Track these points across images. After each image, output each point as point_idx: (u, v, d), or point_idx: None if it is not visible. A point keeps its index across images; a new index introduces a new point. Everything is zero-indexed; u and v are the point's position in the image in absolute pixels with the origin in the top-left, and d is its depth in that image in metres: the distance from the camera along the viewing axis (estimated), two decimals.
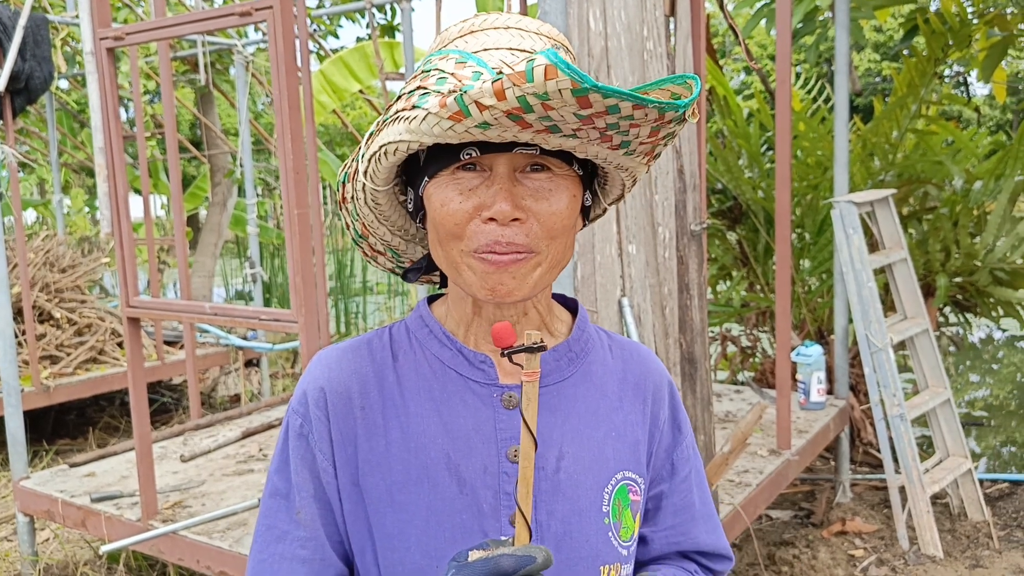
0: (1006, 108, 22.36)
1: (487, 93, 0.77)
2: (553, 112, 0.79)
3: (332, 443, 0.98)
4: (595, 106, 0.78)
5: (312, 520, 0.99)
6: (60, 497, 3.34)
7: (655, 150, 0.92)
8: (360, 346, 1.03)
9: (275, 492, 1.01)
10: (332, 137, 19.44)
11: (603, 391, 1.05)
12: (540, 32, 0.93)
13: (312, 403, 0.99)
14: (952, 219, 4.71)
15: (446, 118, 0.80)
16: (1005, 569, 3.47)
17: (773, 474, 3.37)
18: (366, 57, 6.64)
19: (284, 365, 7.27)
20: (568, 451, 0.99)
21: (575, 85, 0.75)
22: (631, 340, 1.15)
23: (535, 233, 0.90)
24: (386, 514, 0.97)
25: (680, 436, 1.11)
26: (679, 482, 1.10)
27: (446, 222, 0.91)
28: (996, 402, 6.37)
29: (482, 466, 0.96)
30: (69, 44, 6.92)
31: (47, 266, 5.96)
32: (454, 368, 1.00)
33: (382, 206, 0.99)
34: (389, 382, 1.00)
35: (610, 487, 1.01)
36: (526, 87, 0.75)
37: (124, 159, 2.89)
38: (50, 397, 5.15)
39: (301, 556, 0.98)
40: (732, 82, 8.24)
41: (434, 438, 0.97)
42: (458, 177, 0.90)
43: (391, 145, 0.88)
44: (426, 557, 0.95)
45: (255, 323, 2.64)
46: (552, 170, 0.91)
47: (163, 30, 2.67)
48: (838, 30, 4.05)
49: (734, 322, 5.47)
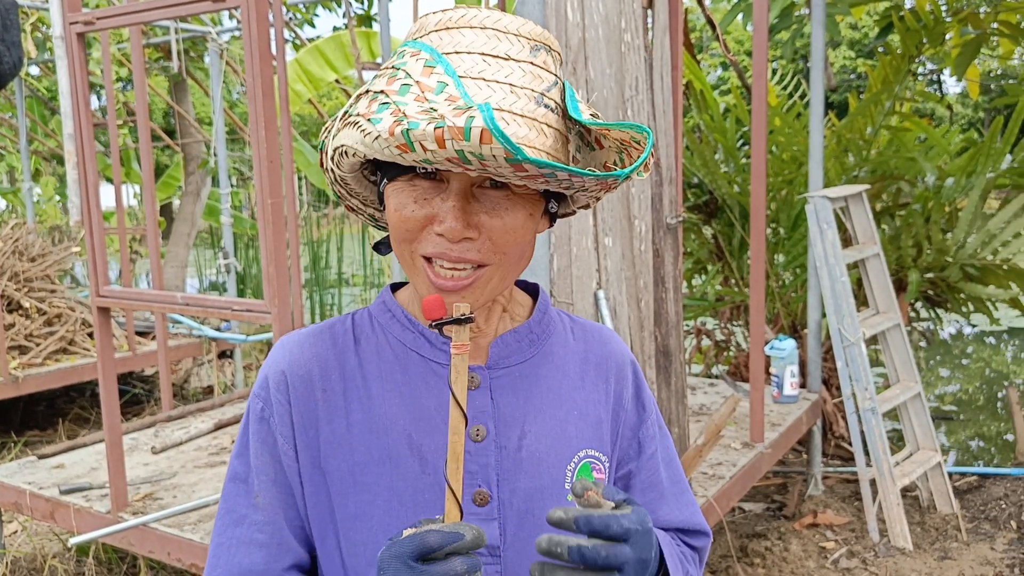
0: (978, 106, 22.65)
1: (429, 137, 0.78)
2: (490, 168, 0.81)
3: (293, 426, 0.99)
4: (530, 170, 0.80)
5: (271, 504, 0.99)
6: (28, 489, 3.29)
7: (612, 187, 0.93)
8: (322, 331, 1.04)
9: (235, 476, 1.01)
10: (308, 127, 19.31)
11: (565, 371, 1.06)
12: (520, 33, 0.90)
13: (273, 387, 1.00)
14: (924, 215, 4.76)
15: (395, 146, 0.82)
16: (973, 561, 3.52)
17: (746, 467, 3.39)
18: (343, 46, 6.59)
19: (258, 357, 7.21)
20: (530, 430, 1.00)
21: (508, 155, 0.77)
22: (593, 322, 1.15)
23: (486, 249, 0.91)
24: (349, 495, 0.97)
25: (645, 414, 1.12)
26: (646, 460, 1.11)
27: (399, 227, 0.92)
28: (965, 397, 6.46)
29: (444, 445, 0.97)
30: (40, 29, 6.80)
31: (16, 255, 5.87)
32: (416, 350, 1.01)
33: (351, 185, 1.01)
34: (351, 365, 1.01)
35: (572, 465, 1.02)
36: (463, 144, 0.77)
37: (94, 146, 2.84)
38: (19, 388, 5.08)
39: (259, 540, 0.99)
40: (708, 77, 8.27)
41: (396, 419, 0.98)
42: (415, 184, 0.91)
43: (349, 149, 0.89)
44: (389, 537, 0.94)
45: (228, 313, 2.61)
46: (511, 188, 0.91)
47: (135, 15, 2.62)
48: (814, 26, 4.07)
49: (708, 316, 5.50)
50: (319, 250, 9.35)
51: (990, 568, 3.45)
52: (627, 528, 0.84)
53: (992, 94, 17.60)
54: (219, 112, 5.76)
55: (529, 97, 0.86)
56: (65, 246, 6.42)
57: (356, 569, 0.97)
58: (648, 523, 0.88)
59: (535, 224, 0.95)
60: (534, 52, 0.90)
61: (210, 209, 8.95)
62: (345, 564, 0.98)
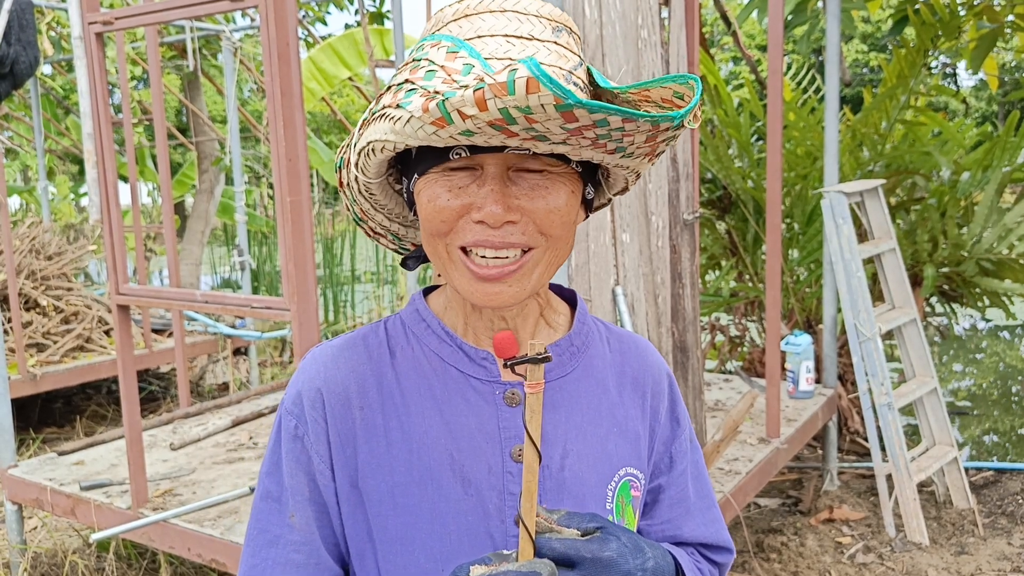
0: (992, 100, 22.50)
1: (468, 102, 0.73)
2: (538, 124, 0.76)
3: (330, 445, 0.95)
4: (581, 120, 0.75)
5: (306, 524, 0.96)
6: (49, 485, 3.33)
7: (656, 151, 0.89)
8: (356, 343, 1.00)
9: (267, 495, 0.98)
10: (320, 125, 19.35)
11: (604, 386, 1.02)
12: (540, 14, 0.88)
13: (308, 404, 0.96)
14: (940, 210, 4.74)
15: (429, 123, 0.77)
16: (989, 556, 3.51)
17: (762, 462, 3.39)
18: (355, 44, 6.61)
19: (272, 354, 7.25)
20: (572, 448, 0.97)
21: (558, 101, 0.72)
22: (629, 332, 1.13)
23: (531, 231, 0.87)
24: (388, 517, 0.94)
25: (679, 429, 1.10)
26: (676, 475, 1.09)
27: (433, 219, 0.88)
28: (979, 391, 6.43)
29: (487, 466, 0.94)
30: (55, 29, 6.85)
31: (33, 253, 5.91)
32: (454, 365, 0.97)
33: (376, 195, 0.97)
34: (388, 380, 0.97)
35: (613, 483, 0.99)
36: (507, 99, 0.72)
37: (113, 145, 2.86)
38: (37, 385, 5.12)
39: (295, 560, 0.96)
40: (720, 72, 8.25)
41: (437, 438, 0.94)
42: (448, 175, 0.88)
43: (377, 143, 0.85)
44: (431, 560, 0.93)
45: (246, 311, 2.62)
46: (548, 168, 0.88)
47: (153, 15, 2.64)
48: (829, 20, 4.05)
49: (723, 311, 5.49)
50: (332, 247, 9.38)
51: (1007, 563, 3.44)
52: (572, 556, 0.82)
53: (1006, 87, 17.47)
54: (233, 110, 5.78)
55: (558, 75, 0.83)
56: (80, 244, 6.47)
57: None
58: (619, 553, 0.84)
59: (577, 203, 0.92)
60: (556, 33, 0.88)
61: (223, 207, 8.99)
62: None
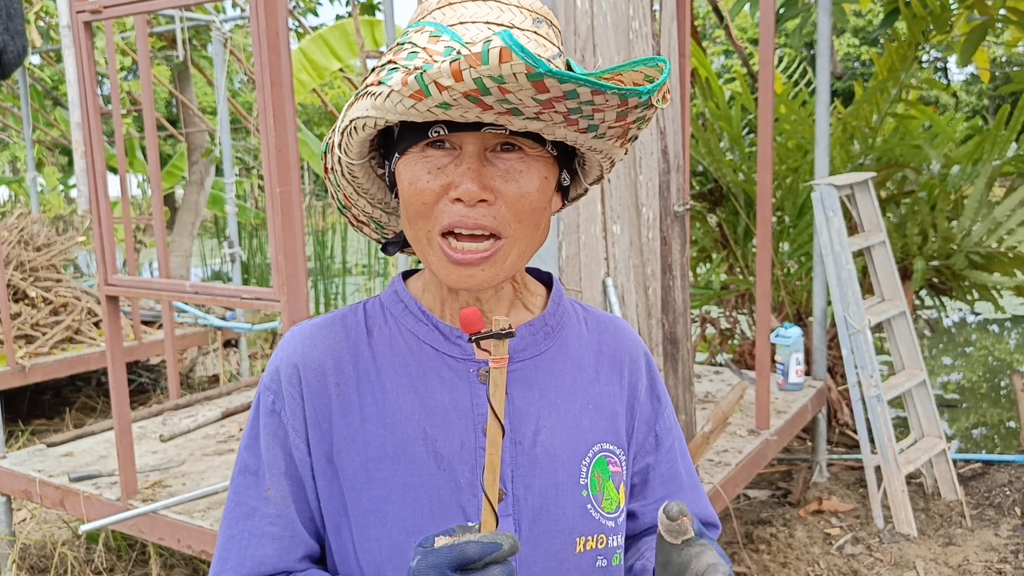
0: (982, 94, 22.58)
1: (445, 73, 0.76)
2: (511, 95, 0.78)
3: (306, 420, 0.98)
4: (552, 91, 0.78)
5: (282, 497, 0.98)
6: (38, 477, 3.31)
7: (628, 134, 0.91)
8: (334, 322, 1.03)
9: (245, 469, 1.00)
10: (311, 116, 19.27)
11: (579, 364, 1.05)
12: (522, 5, 0.91)
13: (285, 380, 0.99)
14: (930, 203, 4.75)
15: (408, 96, 0.80)
16: (977, 547, 3.54)
17: (752, 454, 3.41)
18: (346, 35, 6.57)
19: (263, 346, 7.23)
20: (545, 425, 0.99)
21: (529, 70, 0.74)
22: (606, 313, 1.14)
23: (502, 215, 0.90)
24: (362, 490, 0.96)
25: (660, 406, 1.12)
26: (664, 453, 1.11)
27: (414, 200, 0.90)
28: (968, 385, 6.47)
29: (459, 441, 0.96)
30: (43, 18, 6.79)
31: (21, 244, 5.88)
32: (430, 343, 1.00)
33: (359, 179, 0.99)
34: (364, 358, 1.00)
35: (588, 459, 1.01)
36: (482, 69, 0.75)
37: (102, 135, 2.84)
38: (25, 377, 5.09)
39: (271, 533, 0.98)
40: (711, 65, 8.25)
41: (410, 414, 0.97)
42: (427, 155, 0.90)
43: (359, 120, 0.88)
44: (404, 533, 0.95)
45: (236, 302, 2.62)
46: (524, 150, 0.90)
47: (142, 3, 2.62)
48: (820, 13, 4.05)
49: (713, 304, 5.51)
50: (323, 238, 9.36)
51: (994, 554, 3.47)
52: None
53: (997, 82, 17.53)
54: (223, 101, 5.75)
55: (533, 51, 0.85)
56: (69, 236, 6.43)
57: (370, 563, 0.97)
58: None
59: (551, 189, 0.94)
60: (537, 23, 0.91)
61: (213, 198, 8.95)
62: (359, 558, 0.97)
